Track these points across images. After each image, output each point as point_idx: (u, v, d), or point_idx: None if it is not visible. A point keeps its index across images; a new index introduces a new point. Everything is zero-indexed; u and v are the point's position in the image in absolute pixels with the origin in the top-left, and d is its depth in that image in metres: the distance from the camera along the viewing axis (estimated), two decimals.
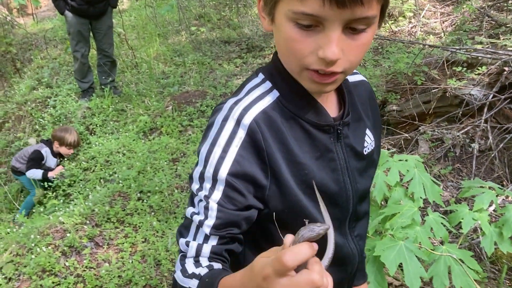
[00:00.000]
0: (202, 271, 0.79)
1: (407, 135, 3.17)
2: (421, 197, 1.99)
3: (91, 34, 5.06)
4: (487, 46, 3.11)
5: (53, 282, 2.55)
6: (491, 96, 2.87)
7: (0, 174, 4.74)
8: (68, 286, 2.53)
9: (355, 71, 1.01)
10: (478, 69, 2.90)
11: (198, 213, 0.82)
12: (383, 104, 3.48)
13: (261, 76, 0.89)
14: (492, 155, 2.80)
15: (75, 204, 3.27)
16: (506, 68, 2.84)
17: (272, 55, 0.92)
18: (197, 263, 0.81)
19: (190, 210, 0.84)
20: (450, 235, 2.57)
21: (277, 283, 0.59)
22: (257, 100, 0.84)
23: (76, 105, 5.04)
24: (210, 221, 0.81)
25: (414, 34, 4.70)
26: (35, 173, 4.01)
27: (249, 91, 0.87)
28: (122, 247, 2.79)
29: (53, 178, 4.04)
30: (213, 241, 0.82)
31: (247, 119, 0.81)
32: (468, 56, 2.83)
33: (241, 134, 0.81)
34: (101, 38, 5.11)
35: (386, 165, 2.10)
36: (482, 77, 2.99)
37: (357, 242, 1.00)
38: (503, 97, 2.78)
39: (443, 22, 4.83)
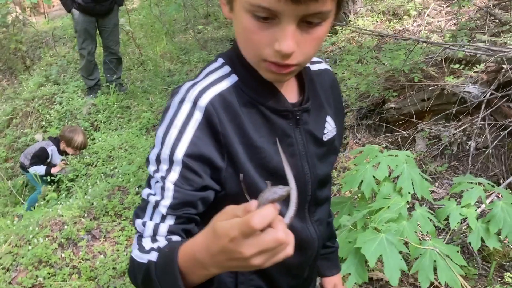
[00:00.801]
0: (161, 244, 0.80)
1: (404, 132, 3.16)
2: (409, 192, 1.99)
3: (97, 32, 5.12)
4: (487, 44, 3.09)
5: (48, 273, 2.59)
6: (489, 93, 2.85)
7: (7, 169, 4.83)
8: (63, 277, 2.58)
9: (318, 59, 1.03)
10: (476, 67, 2.88)
11: (154, 194, 0.83)
12: (382, 102, 3.47)
13: (220, 60, 0.90)
14: (486, 153, 2.78)
15: (75, 198, 3.32)
16: (504, 66, 2.82)
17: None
18: (154, 240, 0.82)
19: (146, 191, 0.85)
20: (444, 232, 2.56)
21: (244, 243, 0.60)
22: (214, 83, 0.86)
23: (81, 101, 5.12)
24: (167, 201, 0.81)
25: (418, 33, 4.68)
26: (38, 169, 4.07)
27: (207, 74, 0.88)
28: (118, 240, 2.82)
29: (56, 174, 4.10)
30: (170, 221, 0.82)
31: (203, 101, 0.82)
32: (464, 53, 2.81)
33: (198, 116, 0.82)
34: (107, 35, 5.17)
35: (375, 160, 2.10)
36: (481, 74, 2.97)
37: (317, 226, 1.01)
38: (500, 94, 2.76)
39: (448, 21, 4.80)
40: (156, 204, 0.82)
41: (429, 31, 4.58)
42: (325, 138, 0.97)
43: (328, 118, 0.99)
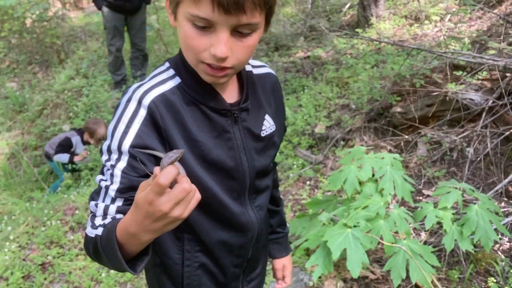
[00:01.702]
0: (107, 221, 0.93)
1: (407, 137, 3.21)
2: (390, 193, 2.06)
3: (125, 29, 5.36)
4: (497, 52, 3.09)
5: (58, 253, 2.80)
6: (491, 101, 2.87)
7: (36, 157, 5.12)
8: (70, 257, 2.77)
9: (263, 64, 1.16)
10: (480, 74, 2.90)
11: (105, 180, 0.96)
12: (390, 106, 3.51)
13: (166, 64, 1.03)
14: (486, 160, 2.80)
15: (88, 186, 3.52)
16: (508, 74, 2.83)
17: None
18: (104, 219, 0.95)
19: (99, 177, 0.98)
20: (436, 235, 2.60)
21: (160, 202, 0.74)
22: (158, 85, 0.98)
23: (107, 95, 5.36)
24: (115, 186, 0.94)
25: (437, 38, 4.67)
26: (62, 157, 4.32)
27: (153, 77, 1.01)
28: None
29: (78, 161, 4.34)
30: (118, 203, 0.95)
31: (147, 100, 0.95)
32: (466, 61, 2.84)
33: (143, 113, 0.95)
34: (135, 33, 5.40)
35: (360, 161, 2.18)
36: (485, 82, 2.98)
37: (257, 211, 1.14)
38: (500, 103, 2.77)
39: (469, 27, 4.76)
40: (107, 188, 0.95)
41: (448, 36, 4.57)
42: (263, 134, 1.09)
43: (267, 117, 1.11)
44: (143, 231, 0.80)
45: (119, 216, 0.95)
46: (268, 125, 1.11)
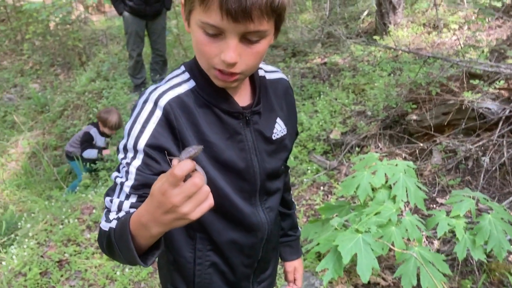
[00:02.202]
0: (121, 215, 0.97)
1: (422, 144, 3.20)
2: (402, 200, 2.07)
3: (145, 33, 5.45)
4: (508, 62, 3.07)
5: (74, 251, 2.86)
6: (508, 111, 2.85)
7: (55, 157, 5.23)
8: (87, 255, 2.83)
9: (276, 69, 1.20)
10: (497, 84, 2.89)
11: (121, 177, 1.00)
12: (406, 113, 3.51)
13: (182, 68, 1.08)
14: (502, 170, 2.78)
15: (107, 186, 3.59)
16: None
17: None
18: (118, 214, 0.99)
19: (114, 174, 1.02)
20: (448, 244, 2.59)
21: (171, 193, 0.76)
22: (174, 87, 1.03)
23: (126, 97, 5.46)
24: (130, 182, 0.98)
25: (455, 46, 4.65)
26: (91, 153, 4.39)
27: (169, 79, 1.06)
28: None
29: (106, 155, 4.42)
30: (132, 199, 0.99)
31: (163, 102, 1.00)
32: (482, 70, 2.83)
33: (158, 113, 0.99)
34: (156, 38, 5.50)
35: (374, 168, 2.19)
36: (502, 91, 2.97)
37: (267, 213, 1.17)
38: None
39: (489, 36, 4.74)
40: (122, 185, 0.99)
41: (466, 45, 4.54)
42: (274, 137, 1.13)
43: (278, 120, 1.14)
44: (153, 222, 0.82)
45: (132, 210, 0.98)
46: (280, 129, 1.14)
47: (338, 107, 4.21)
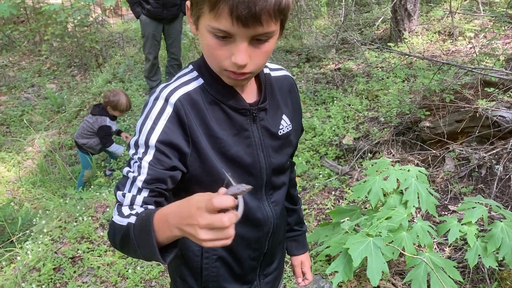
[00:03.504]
0: (139, 210, 1.00)
1: (435, 152, 3.20)
2: (414, 206, 2.08)
3: (162, 37, 5.52)
4: None
5: (88, 248, 2.91)
6: None
7: (70, 156, 5.31)
8: (99, 252, 2.88)
9: (280, 67, 1.24)
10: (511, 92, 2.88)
11: (133, 171, 1.03)
12: (420, 120, 3.51)
13: (190, 67, 1.11)
14: None
15: None
16: None
17: None
18: (131, 209, 1.01)
19: (126, 169, 1.05)
20: (460, 251, 2.58)
21: (202, 214, 0.79)
22: (183, 85, 1.06)
23: (141, 99, 5.52)
24: (142, 177, 1.01)
25: (470, 55, 4.63)
26: (119, 149, 4.48)
27: (178, 77, 1.09)
28: None
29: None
30: (144, 193, 1.01)
31: (173, 99, 1.03)
32: (496, 78, 2.82)
33: (169, 110, 1.03)
34: (172, 42, 5.56)
35: (385, 173, 2.20)
36: None
37: (273, 207, 1.21)
38: None
39: (505, 44, 4.71)
40: (134, 179, 1.01)
41: (481, 53, 4.53)
42: (280, 132, 1.17)
43: (284, 117, 1.18)
44: (177, 225, 0.85)
45: (145, 206, 1.01)
46: (285, 125, 1.18)
47: (351, 112, 4.22)
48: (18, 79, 6.89)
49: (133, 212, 0.99)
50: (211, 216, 0.78)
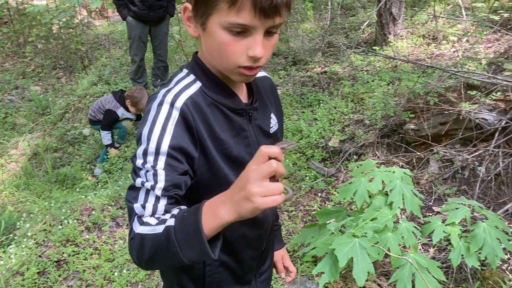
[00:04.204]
0: (169, 215, 0.94)
1: (419, 154, 3.24)
2: (399, 207, 2.10)
3: (149, 39, 5.51)
4: (511, 73, 3.12)
5: (73, 251, 2.88)
6: (504, 122, 2.90)
7: (55, 159, 5.26)
8: (85, 256, 2.85)
9: None
10: (494, 95, 2.93)
11: (148, 181, 0.98)
12: (404, 122, 3.55)
13: (185, 71, 1.10)
14: (498, 180, 2.82)
15: (105, 188, 3.62)
16: None
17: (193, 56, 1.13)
18: (157, 218, 0.96)
19: (138, 180, 0.98)
20: (444, 251, 2.62)
21: (250, 167, 0.83)
22: (185, 89, 1.05)
23: None
24: (161, 184, 0.97)
25: (454, 58, 4.70)
26: (106, 137, 4.61)
27: (177, 82, 1.07)
28: None
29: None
30: (163, 201, 0.98)
31: (179, 103, 1.02)
32: (479, 81, 2.87)
33: (175, 114, 1.01)
34: (158, 43, 5.55)
35: (371, 174, 2.23)
36: (499, 103, 3.01)
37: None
38: None
39: (487, 48, 4.79)
40: (152, 188, 0.97)
41: (464, 57, 4.60)
42: (271, 130, 1.20)
43: (272, 115, 1.22)
44: (227, 202, 0.86)
45: (167, 214, 0.96)
46: (274, 123, 1.21)
47: (337, 115, 4.25)
48: (2, 81, 6.80)
49: (163, 217, 0.94)
50: (259, 168, 0.82)
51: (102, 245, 2.95)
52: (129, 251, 0.98)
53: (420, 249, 2.66)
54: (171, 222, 0.90)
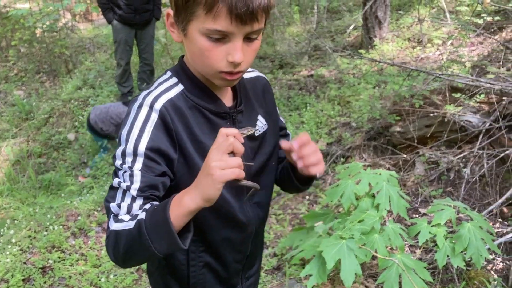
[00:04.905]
0: (142, 210, 0.97)
1: (405, 156, 3.27)
2: (385, 209, 2.12)
3: (134, 42, 5.48)
4: (494, 76, 3.17)
5: (59, 257, 2.85)
6: (488, 124, 2.93)
7: (40, 164, 5.19)
8: (71, 262, 2.82)
9: (252, 69, 1.26)
10: (477, 97, 2.97)
11: (124, 181, 1.00)
12: (390, 125, 3.58)
13: (168, 73, 1.11)
14: (482, 181, 2.85)
15: (91, 193, 3.58)
16: (505, 98, 2.90)
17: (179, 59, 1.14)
18: (130, 214, 0.99)
19: (116, 180, 1.02)
20: (430, 253, 2.64)
21: (212, 148, 0.92)
22: (165, 91, 1.06)
23: None
24: (136, 185, 0.99)
25: (439, 61, 4.76)
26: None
27: (158, 85, 1.09)
28: None
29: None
30: (139, 201, 1.00)
31: (158, 105, 1.03)
32: (464, 84, 2.91)
33: (154, 117, 1.02)
34: (144, 47, 5.52)
35: (358, 176, 2.24)
36: (482, 105, 3.06)
37: (255, 207, 1.21)
38: (497, 126, 2.83)
39: (471, 51, 4.86)
40: (128, 188, 0.99)
41: (449, 60, 4.66)
42: (257, 133, 1.18)
43: (259, 117, 1.20)
44: (192, 189, 0.92)
45: (140, 211, 0.99)
46: (261, 125, 1.20)
47: (324, 118, 4.27)
48: None
49: (138, 213, 0.98)
50: (217, 143, 0.91)
51: (89, 250, 2.92)
52: (106, 249, 1.02)
53: (407, 251, 2.68)
54: (142, 216, 0.94)
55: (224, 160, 0.89)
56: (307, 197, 3.36)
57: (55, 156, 5.13)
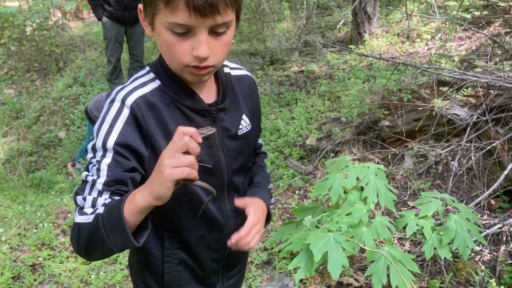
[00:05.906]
0: (107, 202, 0.98)
1: (394, 150, 3.29)
2: (373, 202, 2.13)
3: (124, 39, 5.46)
4: (482, 70, 3.20)
5: (48, 255, 2.84)
6: (475, 117, 2.96)
7: (30, 163, 5.16)
8: (61, 259, 2.81)
9: (240, 66, 1.25)
10: (464, 91, 3.00)
11: (92, 175, 1.01)
12: (380, 119, 3.60)
13: (147, 68, 1.11)
14: (470, 174, 2.88)
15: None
16: (491, 92, 2.93)
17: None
18: (94, 208, 0.99)
19: (84, 174, 1.03)
20: (419, 245, 2.67)
21: (166, 147, 0.91)
22: (140, 87, 1.06)
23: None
24: (102, 179, 0.99)
25: (428, 56, 4.78)
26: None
27: (134, 79, 1.08)
28: None
29: None
30: (105, 196, 1.00)
31: (129, 101, 1.02)
32: (451, 77, 2.93)
33: (126, 112, 1.02)
34: (134, 44, 5.50)
35: (346, 170, 2.25)
36: (470, 98, 3.08)
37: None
38: (484, 119, 2.86)
39: (459, 46, 4.89)
40: (94, 182, 1.00)
41: (437, 54, 4.69)
42: (240, 133, 1.17)
43: (244, 116, 1.18)
44: (145, 187, 0.92)
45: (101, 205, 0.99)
46: (245, 124, 1.18)
47: (314, 113, 4.29)
48: None
49: (98, 207, 0.98)
50: (172, 142, 0.90)
51: None
52: (70, 241, 1.03)
53: (396, 243, 2.70)
54: (100, 210, 0.95)
55: (176, 158, 0.88)
56: (297, 191, 3.38)
57: (46, 154, 5.10)
